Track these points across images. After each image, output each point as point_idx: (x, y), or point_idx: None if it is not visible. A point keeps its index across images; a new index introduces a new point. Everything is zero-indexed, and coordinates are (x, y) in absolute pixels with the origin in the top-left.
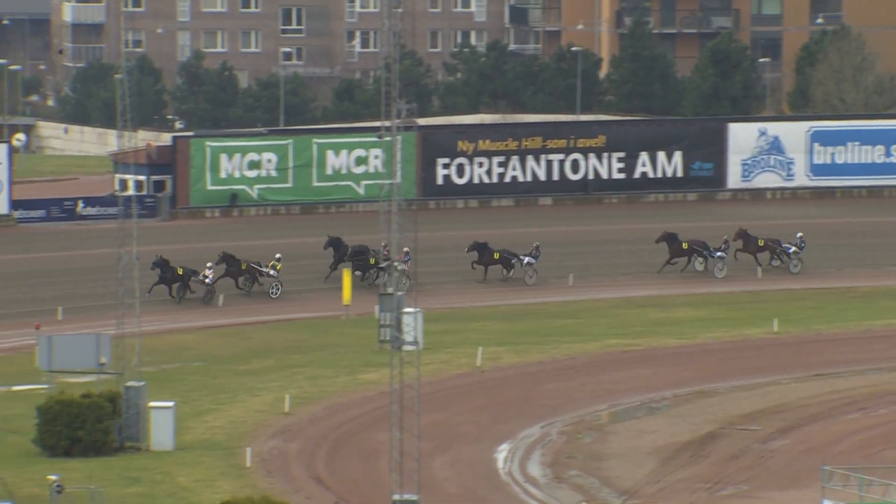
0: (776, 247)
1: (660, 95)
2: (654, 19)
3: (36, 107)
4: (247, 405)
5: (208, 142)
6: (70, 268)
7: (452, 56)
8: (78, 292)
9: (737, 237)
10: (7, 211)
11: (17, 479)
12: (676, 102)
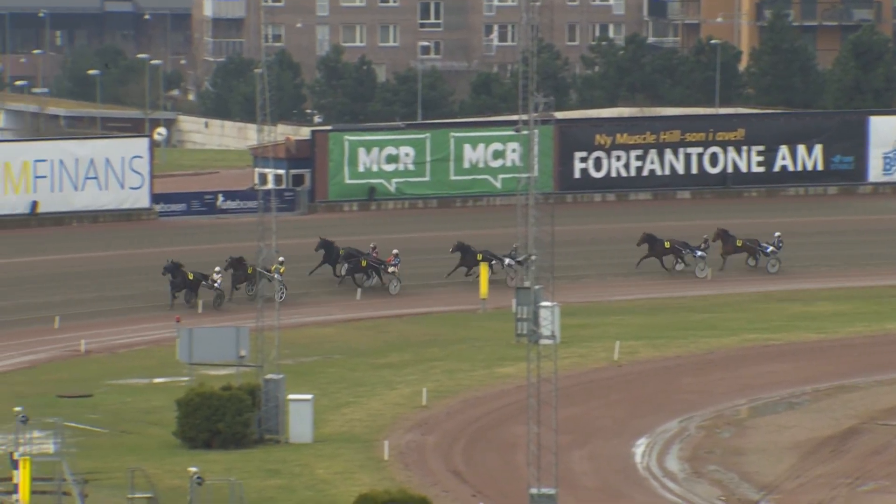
0: (755, 246)
1: (800, 88)
2: (795, 12)
3: (177, 101)
4: (384, 398)
5: (346, 136)
6: (210, 261)
7: (590, 49)
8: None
9: (716, 237)
10: (148, 204)
11: (158, 471)
12: (817, 95)
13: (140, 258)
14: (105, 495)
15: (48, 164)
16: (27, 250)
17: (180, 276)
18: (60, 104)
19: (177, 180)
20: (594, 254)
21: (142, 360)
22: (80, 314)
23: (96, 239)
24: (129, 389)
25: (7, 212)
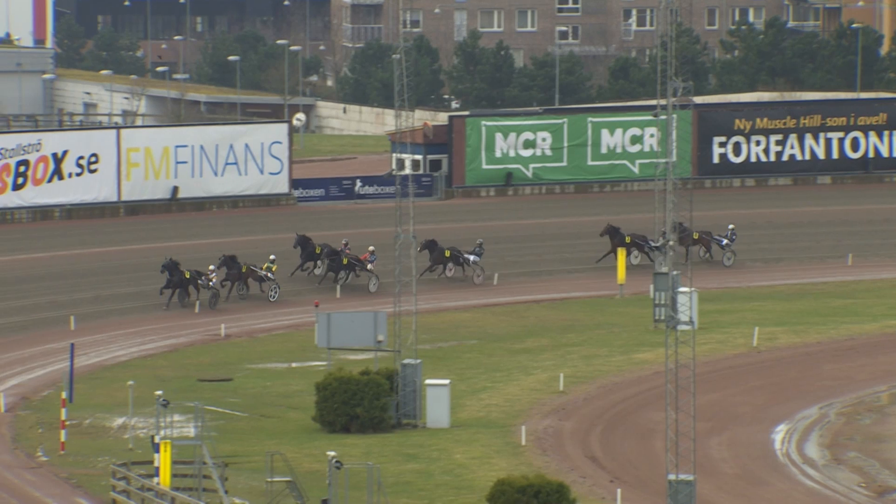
0: (709, 239)
1: None
2: None
3: (315, 87)
4: (521, 383)
5: (484, 121)
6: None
7: (730, 33)
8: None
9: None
10: (287, 190)
11: (297, 455)
12: None
13: (279, 243)
14: (244, 479)
15: (188, 149)
16: (168, 235)
17: (177, 275)
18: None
19: (315, 166)
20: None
21: (281, 344)
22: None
23: (235, 224)
24: (269, 374)
25: (148, 197)
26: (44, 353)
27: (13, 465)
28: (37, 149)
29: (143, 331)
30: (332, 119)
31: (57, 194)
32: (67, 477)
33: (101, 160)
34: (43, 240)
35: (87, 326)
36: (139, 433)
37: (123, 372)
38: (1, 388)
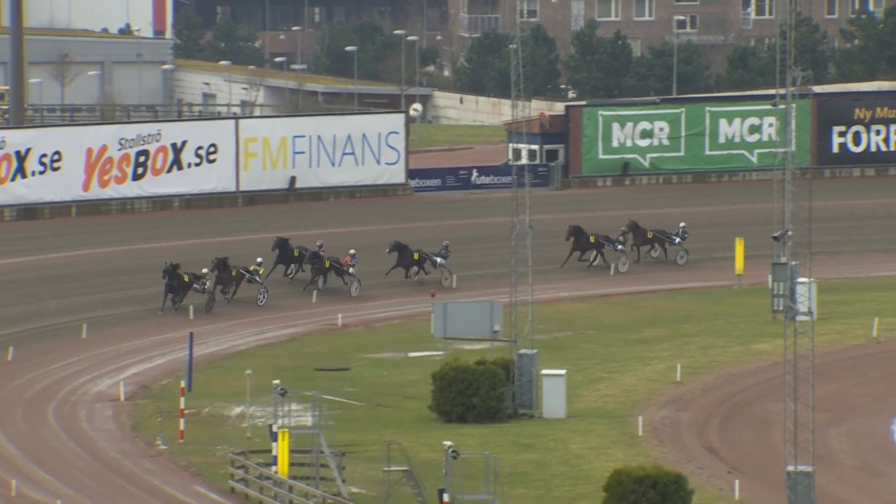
0: (664, 238)
1: None
2: None
3: (432, 77)
4: (638, 374)
5: (601, 111)
6: (464, 236)
7: (849, 22)
8: (472, 261)
9: (628, 229)
10: (404, 180)
11: (414, 444)
12: None
13: (396, 233)
14: (361, 468)
15: (306, 139)
16: (285, 225)
17: (177, 279)
18: (318, 80)
19: (431, 156)
20: (852, 229)
21: (397, 334)
22: (337, 288)
23: (353, 214)
24: (385, 363)
25: (266, 187)
26: (163, 342)
27: (133, 454)
28: (156, 139)
29: (260, 320)
30: (449, 109)
31: (176, 184)
32: (186, 465)
33: (219, 150)
34: (162, 229)
35: (205, 316)
36: (257, 422)
37: (241, 361)
38: (121, 376)
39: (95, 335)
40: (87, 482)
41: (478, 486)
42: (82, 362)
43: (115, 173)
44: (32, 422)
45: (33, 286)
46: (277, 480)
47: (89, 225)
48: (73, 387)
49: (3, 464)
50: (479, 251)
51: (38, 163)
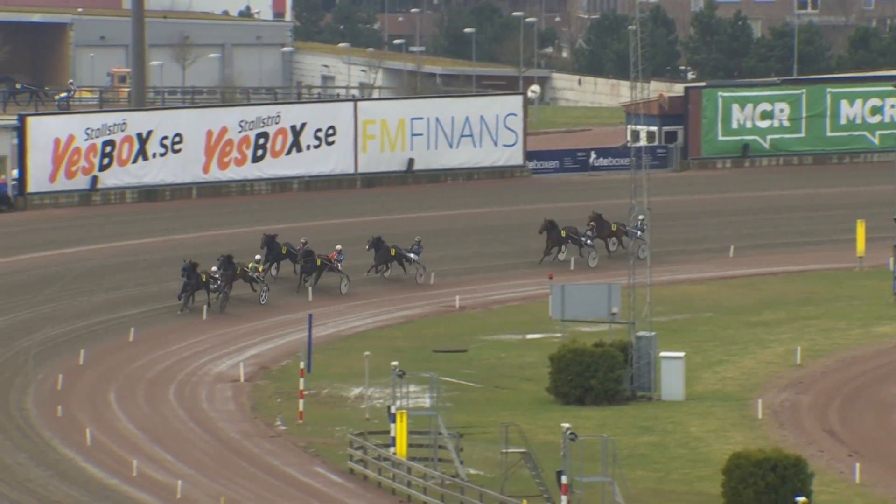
0: (624, 231)
1: None
2: None
3: (551, 59)
4: (757, 357)
5: (720, 92)
6: (582, 218)
7: None
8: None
9: (590, 221)
10: (521, 162)
11: (532, 427)
12: None
13: (514, 215)
14: (479, 449)
15: (424, 122)
16: (403, 207)
17: (195, 278)
18: (437, 62)
19: (549, 138)
20: None
21: (515, 316)
22: (454, 270)
23: (470, 196)
24: (503, 345)
25: (384, 169)
26: (282, 323)
27: (252, 434)
28: (276, 121)
29: (378, 301)
30: (567, 91)
31: (295, 166)
32: (305, 446)
33: (338, 132)
34: (281, 211)
35: (324, 297)
36: (375, 403)
37: (360, 342)
38: (240, 357)
39: (216, 316)
40: (207, 462)
41: (596, 469)
42: (202, 343)
43: (235, 155)
44: (154, 402)
45: (155, 267)
46: (396, 461)
47: (209, 207)
48: (193, 367)
49: (125, 444)
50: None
51: (159, 145)
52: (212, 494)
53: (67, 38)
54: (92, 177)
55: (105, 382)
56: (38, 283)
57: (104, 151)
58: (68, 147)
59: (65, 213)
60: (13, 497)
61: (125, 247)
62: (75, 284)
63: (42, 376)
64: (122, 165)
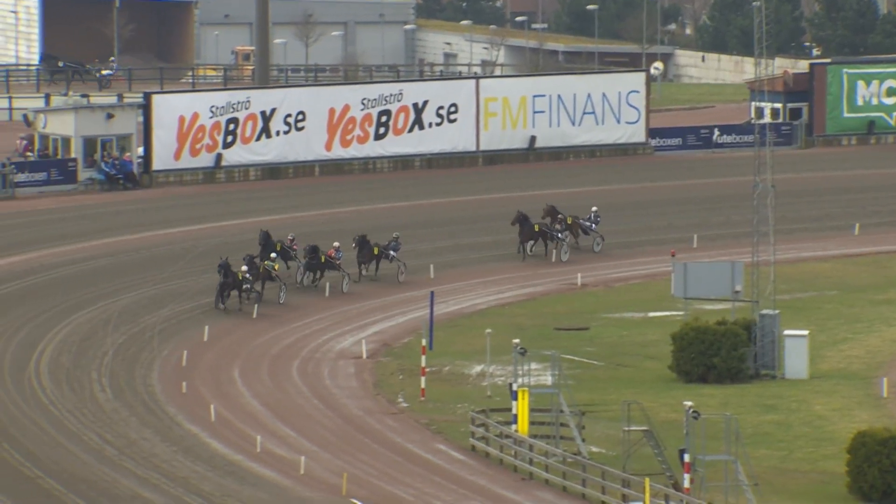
0: (578, 225)
1: None
2: None
3: (674, 35)
4: (883, 335)
5: (845, 69)
6: (705, 195)
7: None
8: (712, 220)
9: (545, 214)
10: (644, 139)
11: (654, 405)
12: None
13: (636, 193)
14: (601, 427)
15: (546, 99)
16: (525, 184)
17: (231, 276)
18: (559, 39)
19: (672, 115)
20: None
21: (637, 294)
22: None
23: (593, 174)
24: (625, 323)
25: (506, 146)
26: (404, 301)
27: (375, 411)
28: (398, 99)
29: (500, 279)
30: (690, 68)
31: (417, 144)
32: (427, 423)
33: (459, 110)
34: (403, 189)
35: (446, 275)
36: (497, 381)
37: (481, 320)
38: (363, 334)
39: (338, 293)
40: (330, 439)
41: (718, 447)
42: (325, 320)
43: (357, 133)
44: (277, 378)
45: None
46: (517, 439)
47: (331, 184)
48: (316, 344)
49: (249, 420)
50: (720, 211)
51: (282, 123)
52: (334, 471)
53: (192, 16)
54: (216, 154)
55: (229, 359)
56: (164, 259)
57: (228, 129)
58: (193, 125)
59: (189, 191)
60: (138, 473)
61: (249, 224)
62: (200, 261)
63: (167, 352)
64: (246, 143)
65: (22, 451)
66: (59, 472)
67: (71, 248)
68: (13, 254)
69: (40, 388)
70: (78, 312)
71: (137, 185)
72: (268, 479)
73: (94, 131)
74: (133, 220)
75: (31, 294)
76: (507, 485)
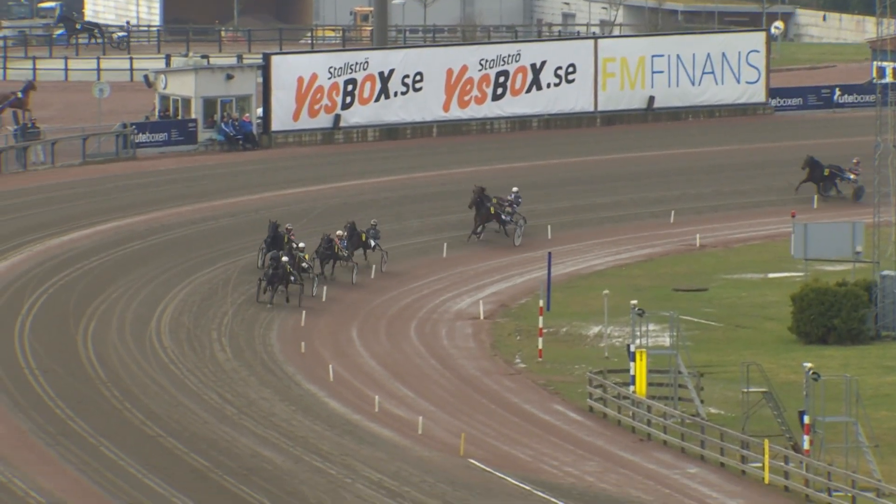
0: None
1: None
2: None
3: None
4: None
5: None
6: (825, 156)
7: None
8: None
9: (476, 196)
10: (764, 99)
11: (773, 366)
12: None
13: (756, 153)
14: (720, 389)
15: (665, 59)
16: (643, 145)
17: (282, 269)
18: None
19: (792, 75)
20: None
21: (756, 254)
22: (695, 208)
23: (712, 134)
24: (744, 284)
25: (624, 107)
26: (521, 261)
27: (492, 372)
28: (516, 59)
29: (618, 240)
30: (811, 27)
31: (534, 104)
32: (545, 384)
33: (577, 70)
34: (521, 149)
35: (563, 235)
36: (614, 342)
37: (599, 281)
38: (480, 295)
39: (456, 254)
40: (448, 399)
41: (838, 409)
42: (442, 281)
43: (475, 94)
44: (395, 339)
45: (396, 205)
46: (635, 400)
47: (449, 145)
48: (433, 305)
49: (367, 380)
50: None
51: (400, 84)
52: (452, 431)
53: None
54: (334, 115)
55: (346, 319)
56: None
57: (346, 90)
58: (311, 85)
59: (307, 151)
60: (258, 432)
61: (367, 185)
62: (319, 222)
63: (285, 313)
64: (364, 104)
65: (144, 411)
66: (180, 431)
67: (191, 209)
68: (135, 214)
69: (161, 348)
70: (198, 272)
71: (256, 145)
72: (386, 438)
73: (214, 92)
74: (252, 180)
75: (152, 254)
76: (625, 445)
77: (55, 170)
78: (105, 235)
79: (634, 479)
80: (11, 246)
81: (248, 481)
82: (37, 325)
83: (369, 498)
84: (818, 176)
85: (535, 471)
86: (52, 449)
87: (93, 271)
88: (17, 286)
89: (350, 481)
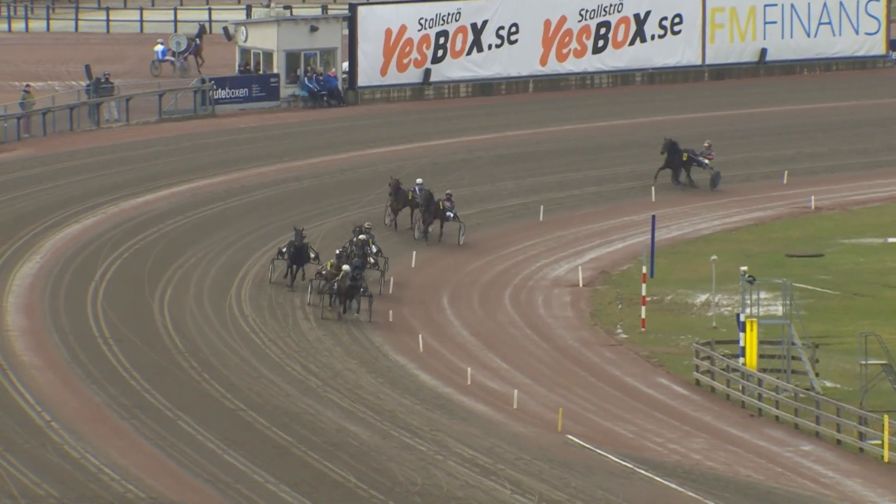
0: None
1: None
2: None
3: None
4: None
5: None
6: None
7: None
8: None
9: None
10: (883, 52)
11: (893, 337)
12: None
13: (874, 109)
14: (836, 361)
15: (778, 8)
16: (755, 101)
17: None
18: None
19: None
20: None
21: (876, 217)
22: (810, 168)
23: (828, 89)
24: (862, 249)
25: (734, 60)
26: (623, 225)
27: (592, 342)
28: (618, 9)
29: (726, 202)
30: None
31: (638, 58)
32: (648, 356)
33: (684, 21)
34: (623, 105)
35: (667, 198)
36: (723, 311)
37: (706, 246)
38: (579, 261)
39: (553, 218)
40: (544, 371)
41: None
42: (539, 246)
43: (574, 46)
44: (488, 307)
45: (490, 166)
46: (745, 373)
47: (547, 101)
48: (529, 272)
49: (459, 351)
50: None
51: (494, 36)
52: (549, 405)
53: None
54: (424, 69)
55: (437, 286)
56: (369, 181)
57: (437, 43)
58: (400, 38)
59: (396, 108)
60: (343, 405)
61: (459, 143)
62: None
63: (372, 279)
64: (456, 58)
65: (223, 382)
66: (261, 404)
67: (273, 169)
68: (214, 174)
69: (241, 316)
70: (280, 236)
71: (342, 101)
72: (479, 413)
73: (297, 45)
74: (337, 138)
75: (232, 216)
76: (734, 421)
77: (130, 127)
78: (182, 197)
79: (744, 457)
80: (85, 208)
81: (332, 457)
82: (110, 292)
83: (462, 476)
84: (676, 161)
85: (637, 448)
86: (126, 422)
87: (169, 235)
88: (91, 250)
89: (441, 458)
